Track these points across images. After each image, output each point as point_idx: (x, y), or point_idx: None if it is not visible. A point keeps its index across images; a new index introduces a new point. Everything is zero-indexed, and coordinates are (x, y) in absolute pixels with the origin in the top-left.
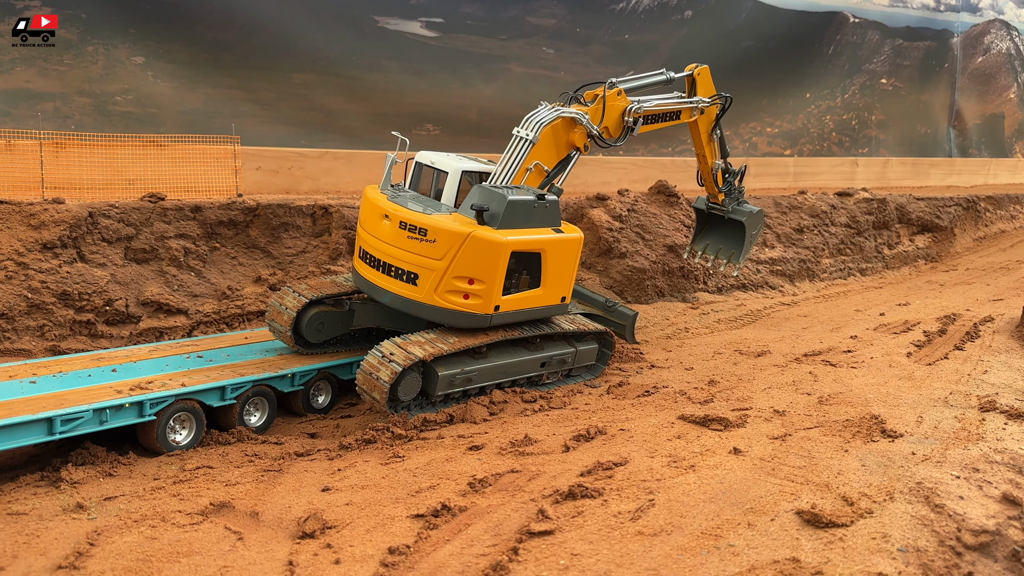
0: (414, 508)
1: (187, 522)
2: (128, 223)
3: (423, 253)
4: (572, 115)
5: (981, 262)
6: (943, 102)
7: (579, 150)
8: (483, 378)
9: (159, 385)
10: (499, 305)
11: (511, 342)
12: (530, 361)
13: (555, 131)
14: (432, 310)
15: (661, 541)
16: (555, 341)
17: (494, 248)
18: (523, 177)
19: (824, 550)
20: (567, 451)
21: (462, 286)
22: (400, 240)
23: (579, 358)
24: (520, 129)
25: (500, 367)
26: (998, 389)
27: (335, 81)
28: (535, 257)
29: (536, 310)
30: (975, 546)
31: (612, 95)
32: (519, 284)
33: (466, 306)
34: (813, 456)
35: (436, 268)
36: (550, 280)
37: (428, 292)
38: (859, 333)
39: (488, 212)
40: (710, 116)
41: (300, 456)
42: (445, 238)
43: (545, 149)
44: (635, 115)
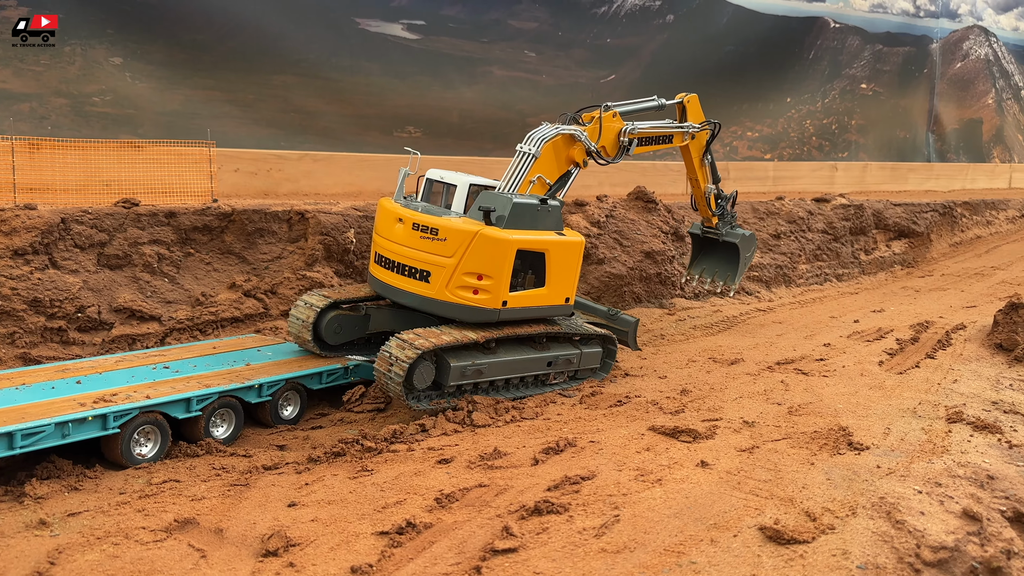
0: (380, 525)
1: (150, 539)
2: (101, 229)
3: (435, 251)
4: (571, 132)
5: (957, 268)
6: (922, 107)
7: (579, 165)
8: (492, 372)
9: (123, 397)
10: (507, 301)
11: (519, 341)
12: (537, 360)
13: (556, 147)
14: (444, 305)
15: (623, 559)
16: (561, 342)
17: (501, 245)
18: (527, 189)
19: (784, 567)
20: (536, 464)
21: (472, 282)
22: (413, 240)
23: (584, 360)
24: (523, 145)
25: (509, 363)
26: (966, 399)
27: (315, 83)
28: (539, 257)
29: (541, 308)
30: (934, 563)
31: (608, 117)
32: (525, 282)
33: (476, 301)
34: (779, 469)
35: (447, 265)
36: (554, 280)
37: (440, 288)
38: (832, 341)
39: (495, 213)
40: (700, 141)
41: (268, 470)
42: (455, 237)
43: (547, 163)
44: (630, 136)
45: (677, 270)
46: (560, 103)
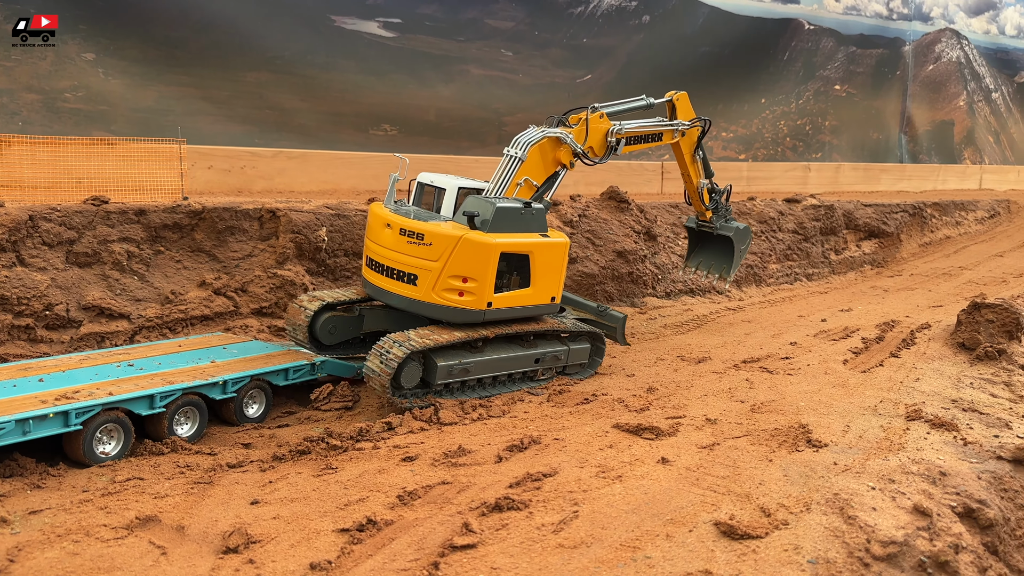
0: (341, 522)
1: (111, 536)
2: (70, 227)
3: (421, 256)
4: (557, 135)
5: (925, 268)
6: (895, 109)
7: (565, 167)
8: (479, 370)
9: (86, 394)
10: (491, 302)
11: (507, 339)
12: (524, 357)
13: (542, 149)
14: (431, 307)
15: (580, 553)
16: (549, 339)
17: (484, 249)
18: (514, 191)
19: (737, 562)
20: (500, 462)
21: (457, 284)
22: (401, 245)
23: (572, 356)
24: (510, 148)
25: (496, 361)
26: (927, 397)
27: (290, 80)
28: (524, 259)
29: (527, 308)
30: (883, 557)
31: (594, 118)
32: (510, 284)
33: (461, 303)
34: (738, 466)
35: (433, 269)
36: (539, 280)
37: (427, 291)
38: (799, 339)
39: (479, 218)
40: (691, 138)
41: (232, 467)
42: (440, 241)
43: (533, 166)
44: (617, 136)
45: (649, 269)
46: (537, 102)
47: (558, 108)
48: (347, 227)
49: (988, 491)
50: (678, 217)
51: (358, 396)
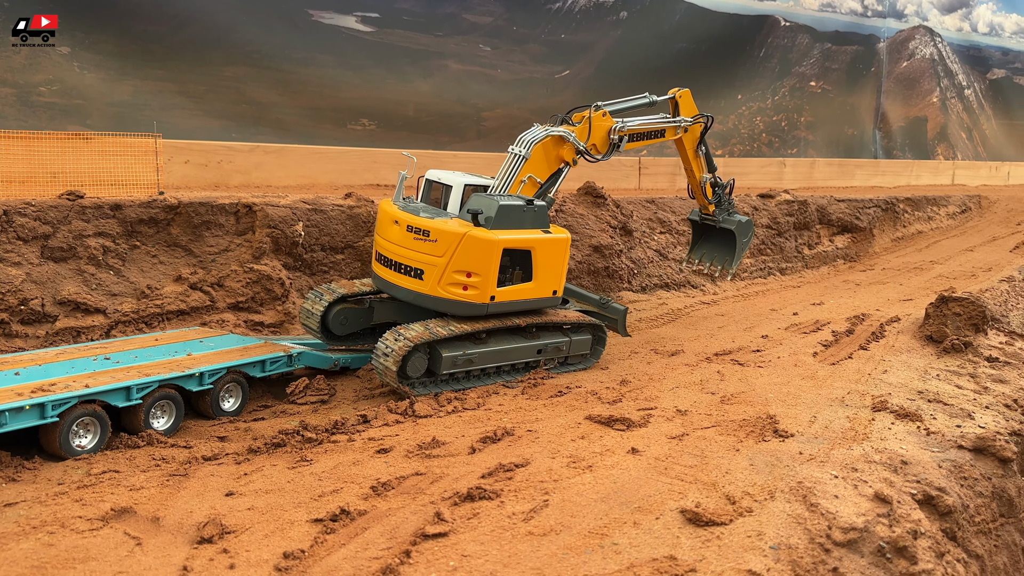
0: (315, 512)
1: (86, 528)
2: (45, 221)
3: (427, 252)
4: (560, 134)
5: (897, 262)
6: (869, 105)
7: (568, 164)
8: (483, 361)
9: (62, 387)
10: (495, 296)
11: (510, 331)
12: (527, 348)
13: (545, 148)
14: (436, 300)
15: (549, 541)
16: (551, 331)
17: (487, 245)
18: (518, 188)
19: (701, 548)
20: (473, 453)
21: (461, 279)
22: (408, 241)
23: (574, 347)
24: (514, 147)
25: (499, 352)
26: (893, 389)
27: (268, 74)
28: (526, 254)
29: (529, 301)
30: (843, 543)
31: (597, 116)
32: (512, 278)
33: (465, 296)
34: (706, 456)
35: (438, 264)
36: (540, 275)
37: (432, 285)
38: (770, 332)
39: (482, 215)
40: (694, 134)
41: (208, 460)
42: (445, 238)
43: (536, 164)
44: (620, 133)
45: (625, 264)
46: (515, 97)
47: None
48: (324, 222)
49: (948, 479)
50: (654, 212)
51: (334, 389)
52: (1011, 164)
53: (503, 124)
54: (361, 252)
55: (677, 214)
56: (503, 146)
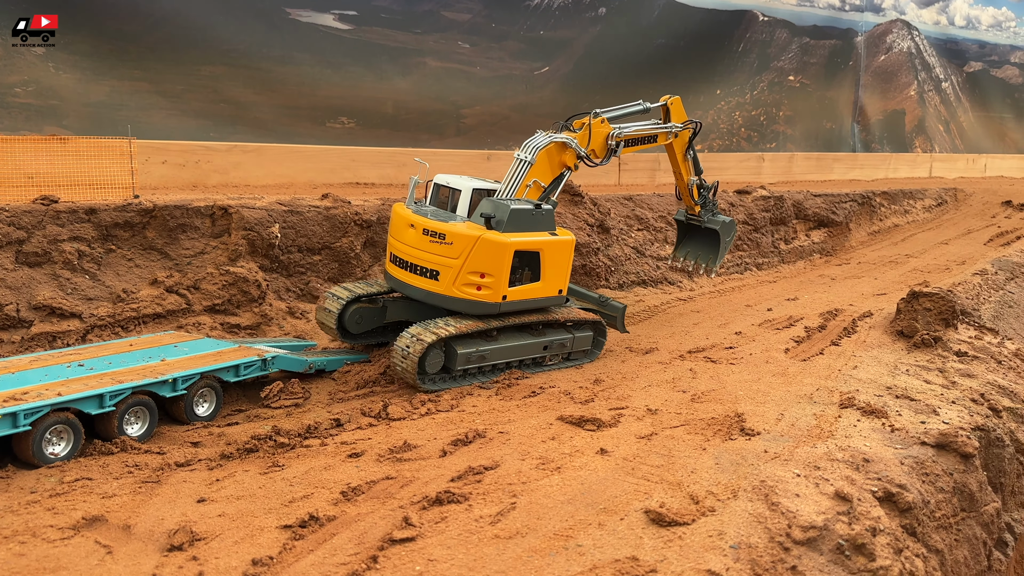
0: (285, 518)
1: (57, 537)
2: (19, 226)
3: (443, 254)
4: (563, 140)
5: (873, 256)
6: (847, 98)
7: (570, 169)
8: (495, 357)
9: (35, 395)
10: (506, 295)
11: (518, 328)
12: (534, 344)
13: (549, 154)
14: (451, 300)
15: (515, 543)
16: (556, 328)
17: (500, 248)
18: (523, 192)
19: (663, 548)
20: (444, 456)
21: (475, 279)
22: (424, 244)
23: (576, 343)
24: (519, 153)
25: (509, 348)
26: (862, 385)
27: (245, 73)
28: (535, 255)
29: (537, 300)
30: (802, 541)
31: (596, 123)
32: (522, 278)
33: (479, 296)
34: (673, 455)
35: (453, 266)
36: (548, 275)
37: (448, 285)
38: (744, 329)
39: (495, 219)
40: (683, 139)
41: (181, 466)
42: (460, 240)
43: (541, 169)
44: (617, 139)
45: (602, 262)
46: (494, 94)
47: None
48: (300, 223)
49: (909, 476)
50: (632, 210)
51: (308, 392)
52: (988, 156)
53: (482, 121)
54: (338, 253)
55: (655, 211)
56: (483, 143)
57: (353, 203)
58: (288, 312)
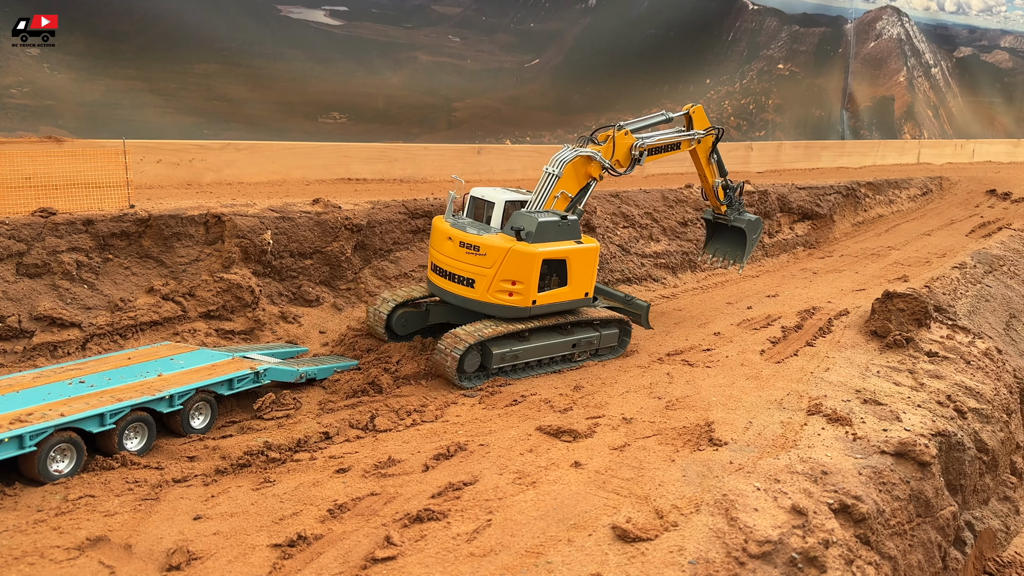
0: (275, 537)
1: (64, 558)
2: (19, 239)
3: (477, 264)
4: (588, 153)
5: (856, 248)
6: (837, 86)
7: (595, 179)
8: (527, 356)
9: (39, 416)
10: (536, 300)
11: (548, 329)
12: (563, 343)
13: (575, 167)
14: (486, 305)
15: (488, 561)
16: (583, 327)
17: (529, 258)
18: (552, 203)
19: (626, 564)
20: (426, 471)
21: (507, 286)
22: (460, 254)
23: (603, 340)
24: (548, 167)
25: (540, 347)
26: (832, 389)
27: (238, 71)
28: (561, 263)
29: (565, 303)
30: (758, 555)
31: (620, 135)
32: (551, 284)
33: (511, 301)
34: (643, 467)
35: (487, 274)
36: (574, 280)
37: (483, 292)
38: (723, 329)
39: (524, 231)
40: (707, 144)
41: (178, 482)
42: (493, 252)
43: (568, 181)
44: (640, 149)
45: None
46: (485, 87)
47: (506, 92)
48: (292, 229)
49: (866, 486)
50: (618, 207)
51: (299, 402)
52: (976, 141)
53: (474, 114)
54: (329, 257)
55: (640, 207)
56: (474, 136)
57: (343, 208)
58: (281, 317)
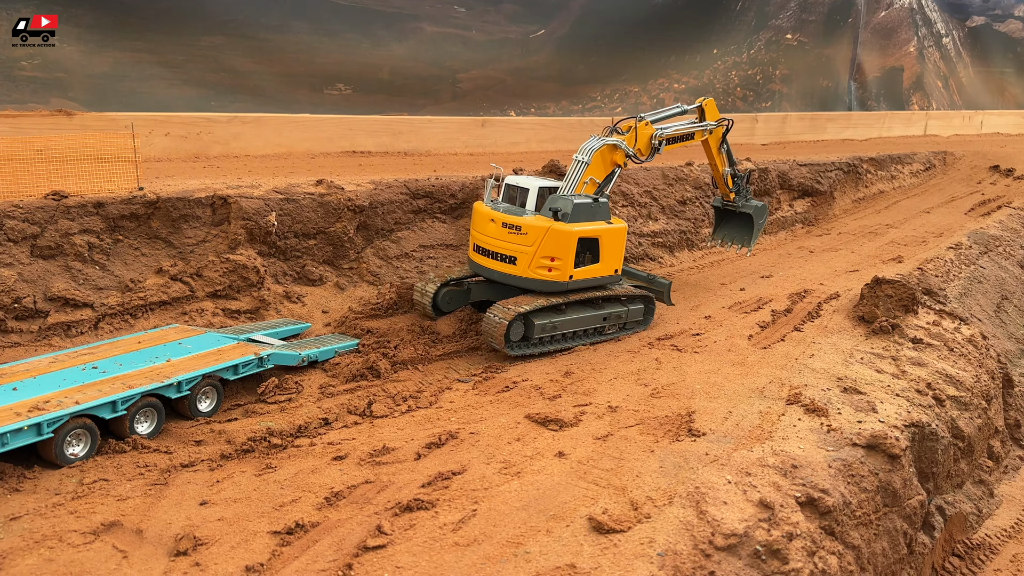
0: (275, 524)
1: (81, 542)
2: (32, 222)
3: (519, 243)
4: (613, 142)
5: (855, 225)
6: (845, 56)
7: (620, 166)
8: (564, 327)
9: (55, 404)
10: (572, 275)
11: (582, 303)
12: (596, 316)
13: (602, 154)
14: (527, 280)
15: (472, 551)
16: (612, 302)
17: (566, 236)
18: (582, 188)
19: (599, 555)
20: (418, 459)
21: (546, 263)
22: (503, 235)
23: (630, 315)
24: (578, 155)
25: (575, 319)
26: (814, 376)
27: (244, 43)
28: (595, 241)
29: (597, 279)
30: (724, 547)
31: (642, 126)
32: (585, 261)
33: (550, 276)
34: (623, 458)
35: (528, 252)
36: (606, 257)
37: (524, 268)
38: (714, 312)
39: (561, 212)
40: (717, 135)
41: (185, 467)
42: (533, 231)
43: (596, 168)
44: (659, 139)
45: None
46: (490, 58)
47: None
48: (296, 210)
49: (835, 479)
50: (617, 185)
51: (301, 386)
52: (984, 113)
53: (478, 85)
54: (332, 237)
55: (640, 186)
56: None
57: (346, 189)
58: (285, 296)
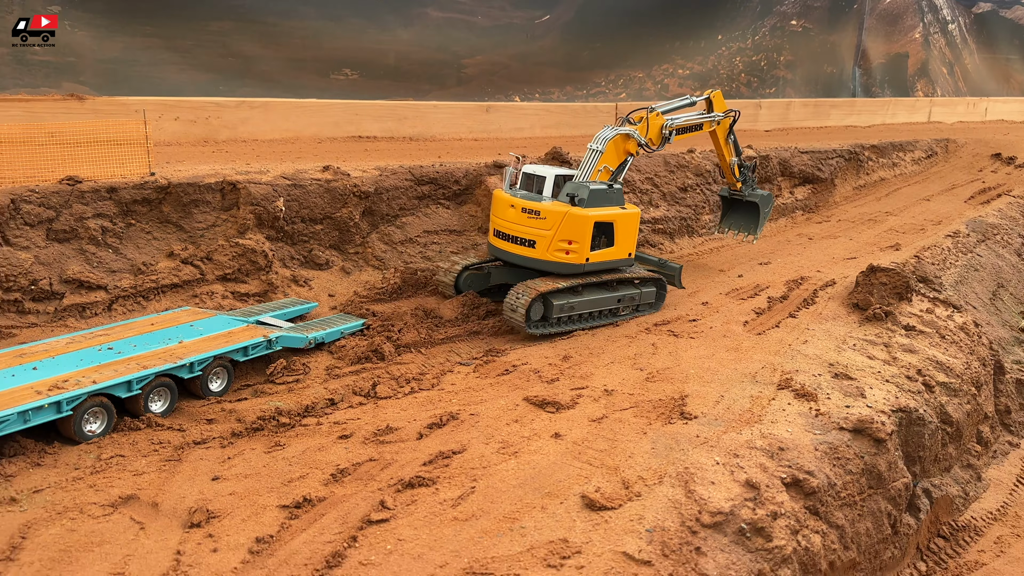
0: (284, 498)
1: (100, 513)
2: (48, 206)
3: (538, 227)
4: (626, 131)
5: (854, 212)
6: (850, 42)
7: (632, 155)
8: (581, 308)
9: (74, 383)
10: (589, 258)
11: (597, 285)
12: (610, 298)
13: (615, 144)
14: (546, 263)
15: (470, 525)
16: (626, 285)
17: (583, 220)
18: (596, 176)
19: (591, 531)
20: (420, 439)
21: (564, 246)
22: (522, 219)
23: (643, 297)
24: (592, 144)
25: (591, 301)
26: (806, 362)
27: (252, 28)
28: (609, 226)
29: (612, 262)
30: (710, 524)
31: (653, 116)
32: (600, 244)
33: (567, 259)
34: (617, 439)
35: (547, 236)
36: (620, 241)
37: (542, 251)
38: (711, 299)
39: (578, 198)
40: (724, 126)
41: (198, 444)
42: (552, 216)
43: (609, 156)
44: (670, 129)
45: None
46: (495, 44)
47: (516, 49)
48: (303, 196)
49: (821, 461)
50: None
51: (308, 367)
52: (989, 100)
53: (483, 71)
54: (338, 222)
55: (642, 173)
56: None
57: (352, 175)
58: (292, 280)
